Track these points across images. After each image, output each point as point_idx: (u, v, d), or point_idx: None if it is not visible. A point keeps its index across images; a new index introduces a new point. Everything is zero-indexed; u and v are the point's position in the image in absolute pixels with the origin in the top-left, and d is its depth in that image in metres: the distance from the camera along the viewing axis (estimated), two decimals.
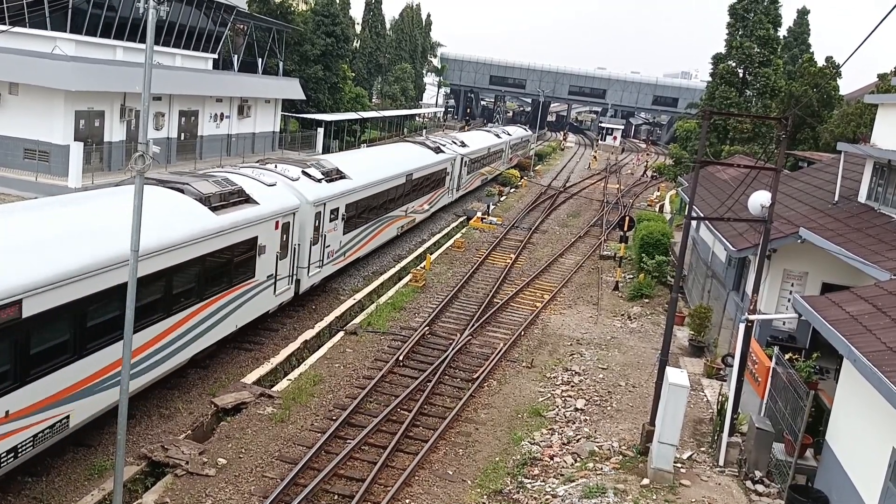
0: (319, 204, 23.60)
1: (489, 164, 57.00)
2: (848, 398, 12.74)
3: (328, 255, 25.07)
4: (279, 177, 22.62)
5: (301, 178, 23.56)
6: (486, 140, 57.15)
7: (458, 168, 44.21)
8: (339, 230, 25.74)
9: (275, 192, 21.21)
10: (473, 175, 50.90)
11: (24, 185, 31.61)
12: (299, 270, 22.80)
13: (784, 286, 19.69)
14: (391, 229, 32.45)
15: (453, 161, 42.85)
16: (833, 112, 43.73)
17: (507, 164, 66.14)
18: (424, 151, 39.37)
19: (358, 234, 28.03)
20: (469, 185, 49.72)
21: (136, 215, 11.13)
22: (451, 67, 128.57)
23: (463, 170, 45.91)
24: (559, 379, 19.99)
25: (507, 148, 65.79)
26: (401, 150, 38.96)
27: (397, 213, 32.92)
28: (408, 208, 34.49)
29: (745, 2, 48.52)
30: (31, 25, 34.78)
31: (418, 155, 38.07)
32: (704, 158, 17.72)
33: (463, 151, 46.02)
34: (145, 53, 10.78)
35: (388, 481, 14.18)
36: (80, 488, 13.49)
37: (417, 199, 36.21)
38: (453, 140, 46.34)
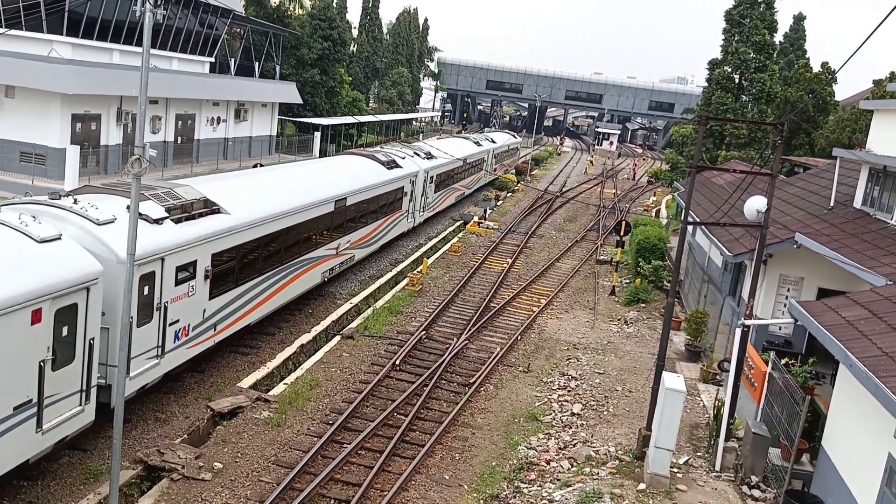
0: (151, 261, 15.12)
1: (466, 178, 50.06)
2: (844, 403, 12.76)
3: (176, 336, 16.53)
4: (69, 223, 14.10)
5: (116, 220, 14.78)
6: (461, 149, 48.89)
7: (420, 186, 37.05)
8: (199, 295, 17.21)
9: (48, 254, 12.72)
10: (445, 192, 43.64)
11: (20, 189, 31.51)
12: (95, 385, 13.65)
13: (780, 291, 19.74)
14: (311, 275, 24.09)
15: (413, 178, 35.72)
16: (829, 118, 43.93)
17: (490, 175, 59.45)
18: (371, 167, 31.41)
19: (241, 294, 19.43)
20: (438, 204, 42.39)
21: (133, 218, 11.12)
22: (447, 72, 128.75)
23: (428, 187, 38.75)
24: (556, 383, 20.00)
25: (489, 157, 58.09)
26: (335, 166, 31.04)
27: (321, 253, 24.66)
28: (340, 244, 26.49)
29: (742, 7, 48.72)
30: (27, 28, 34.75)
31: (361, 172, 30.12)
32: (700, 163, 17.75)
33: (428, 165, 38.58)
34: (142, 57, 10.79)
35: (385, 486, 14.16)
36: (75, 492, 13.44)
37: (357, 231, 28.27)
38: (417, 151, 39.35)
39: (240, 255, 19.16)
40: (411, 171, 35.50)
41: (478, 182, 55.13)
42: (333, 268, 26.33)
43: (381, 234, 31.96)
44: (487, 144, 58.84)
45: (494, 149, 60.59)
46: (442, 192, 42.87)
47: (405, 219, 35.60)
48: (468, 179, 50.98)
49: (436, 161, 40.53)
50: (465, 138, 57.61)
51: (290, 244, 22.14)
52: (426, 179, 38.06)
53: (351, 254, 28.02)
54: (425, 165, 38.10)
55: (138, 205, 11.19)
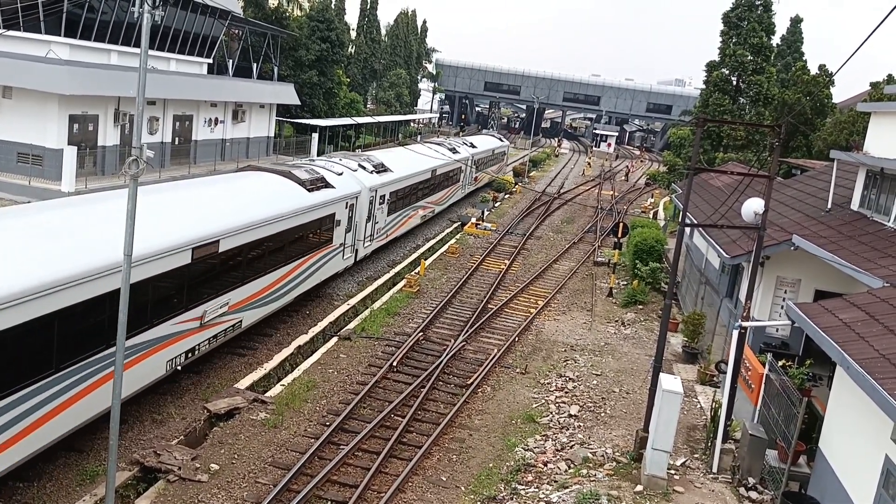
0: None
1: (436, 193, 41.92)
2: (841, 405, 12.77)
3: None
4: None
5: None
6: (429, 159, 39.79)
7: (365, 209, 28.63)
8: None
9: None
10: (403, 214, 35.37)
11: (17, 189, 31.52)
12: None
13: (777, 293, 19.75)
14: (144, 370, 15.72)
15: (353, 199, 27.19)
16: (826, 120, 43.99)
17: (469, 186, 52.16)
18: (282, 189, 22.76)
19: None
20: (395, 229, 34.32)
21: (130, 220, 11.10)
22: (446, 73, 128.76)
23: (378, 209, 30.56)
24: (553, 385, 20.00)
25: (468, 166, 50.36)
26: (215, 192, 20.73)
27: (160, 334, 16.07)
28: (206, 313, 17.74)
29: (739, 10, 48.83)
30: (25, 29, 34.72)
31: (256, 199, 21.22)
32: (698, 165, 17.77)
33: (377, 181, 30.36)
34: (140, 58, 10.78)
35: (382, 487, 14.15)
36: (71, 494, 13.42)
37: (245, 285, 19.63)
38: (365, 163, 30.74)
39: None
40: (349, 192, 26.81)
41: (452, 197, 47.10)
42: (179, 357, 16.83)
43: (294, 283, 22.91)
44: (466, 151, 51.21)
45: (475, 155, 53.31)
46: (399, 213, 34.60)
47: (337, 255, 26.29)
48: (439, 194, 43.14)
49: (390, 175, 32.34)
50: (439, 144, 47.64)
51: None
52: (375, 200, 29.85)
53: (234, 319, 19.25)
54: (373, 182, 29.72)
55: (136, 206, 11.16)
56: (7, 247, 12.65)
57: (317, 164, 28.03)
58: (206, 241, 17.36)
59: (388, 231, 33.13)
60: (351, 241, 27.71)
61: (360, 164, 30.26)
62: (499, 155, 64.88)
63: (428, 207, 40.71)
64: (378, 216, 30.81)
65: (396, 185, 33.31)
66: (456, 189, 47.97)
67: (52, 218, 14.61)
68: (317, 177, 25.13)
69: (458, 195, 49.27)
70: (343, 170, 28.17)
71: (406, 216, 36.33)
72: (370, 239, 30.23)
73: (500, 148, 66.15)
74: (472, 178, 53.03)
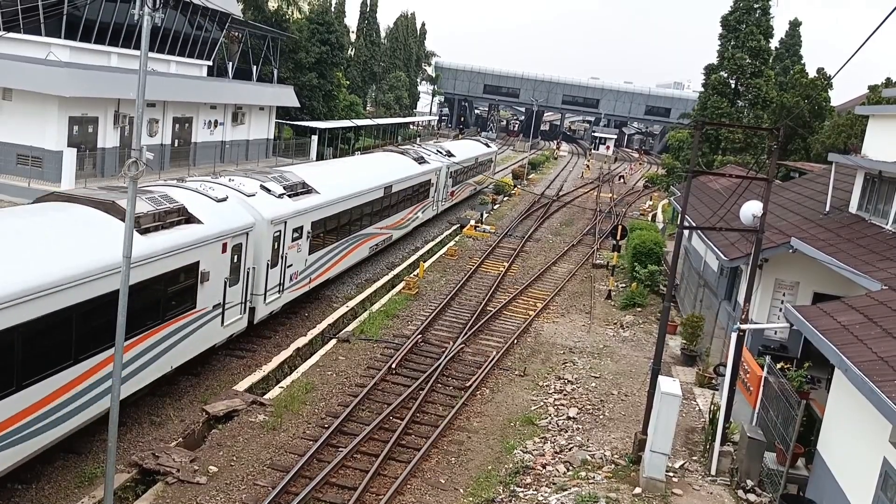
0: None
1: (392, 216, 33.60)
2: (839, 408, 12.79)
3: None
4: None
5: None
6: (380, 173, 32.66)
7: (265, 249, 20.88)
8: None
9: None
10: (336, 250, 26.87)
11: (16, 191, 31.52)
12: None
13: (776, 296, 19.77)
14: None
15: (239, 239, 19.34)
16: (824, 123, 44.06)
17: (443, 202, 44.20)
18: (86, 226, 15.01)
19: None
20: (319, 273, 25.49)
21: (128, 221, 11.12)
22: (445, 76, 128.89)
23: (290, 249, 22.57)
24: (552, 387, 20.00)
25: (440, 179, 42.17)
26: None
27: None
28: None
29: (738, 13, 48.96)
30: (25, 31, 34.73)
31: None
32: (697, 168, 17.79)
33: (286, 209, 22.15)
34: (140, 60, 10.80)
35: (381, 490, 14.15)
36: (70, 496, 13.42)
37: None
38: (271, 183, 22.74)
39: None
40: (229, 228, 18.72)
41: (416, 218, 38.42)
42: None
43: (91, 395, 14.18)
44: (438, 161, 42.39)
45: (452, 165, 44.88)
46: (332, 248, 26.24)
47: (210, 323, 18.44)
48: (398, 217, 34.68)
49: (313, 199, 24.09)
50: (402, 153, 39.65)
51: None
52: (285, 234, 21.87)
53: None
54: (280, 210, 21.64)
55: (135, 207, 11.18)
56: None
57: (187, 185, 19.71)
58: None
59: (312, 273, 24.61)
60: (238, 298, 19.71)
61: (262, 184, 22.16)
62: (484, 163, 57.31)
63: (381, 234, 31.91)
64: (293, 256, 22.74)
65: (324, 212, 24.89)
66: (423, 208, 39.48)
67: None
68: (165, 209, 16.66)
69: (427, 214, 40.81)
70: (228, 194, 19.91)
71: (343, 250, 27.52)
72: (279, 290, 21.99)
73: (486, 155, 58.01)
74: (448, 194, 45.23)
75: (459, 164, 47.04)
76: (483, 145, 60.78)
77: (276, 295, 22.02)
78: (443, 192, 43.75)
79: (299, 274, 23.57)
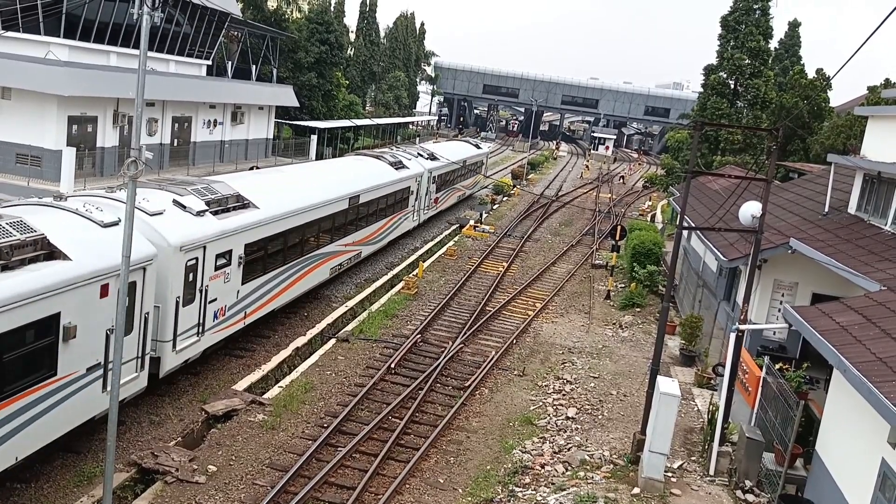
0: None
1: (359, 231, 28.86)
2: (838, 408, 12.80)
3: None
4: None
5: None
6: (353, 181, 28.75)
7: (193, 275, 17.17)
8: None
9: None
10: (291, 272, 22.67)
11: (15, 190, 31.48)
12: None
13: (774, 296, 19.78)
14: None
15: (155, 268, 15.42)
16: (823, 124, 44.07)
17: (426, 211, 39.93)
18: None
19: None
20: (262, 302, 20.95)
21: (128, 222, 11.12)
22: (444, 76, 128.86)
23: (222, 279, 18.41)
24: (551, 387, 20.01)
25: (420, 186, 37.62)
26: None
27: None
28: None
29: (737, 14, 48.95)
30: (24, 30, 34.71)
31: None
32: (696, 169, 17.81)
33: (219, 228, 18.09)
34: (139, 59, 10.80)
35: (379, 489, 14.15)
36: (69, 495, 13.41)
37: None
38: (207, 193, 18.84)
39: None
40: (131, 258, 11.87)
41: (393, 230, 34.03)
42: None
43: None
44: (419, 165, 37.92)
45: (434, 170, 40.31)
46: (272, 277, 21.31)
47: (84, 393, 13.91)
48: (366, 231, 29.87)
49: (242, 218, 19.18)
50: (376, 157, 34.86)
51: None
52: (203, 264, 17.31)
53: None
54: (196, 234, 17.11)
55: (133, 208, 11.18)
56: None
57: (66, 205, 14.83)
58: None
59: (249, 307, 20.09)
60: (133, 352, 15.03)
61: (176, 200, 17.51)
62: (474, 166, 52.51)
63: (346, 252, 27.69)
64: (217, 288, 18.20)
65: (264, 230, 20.22)
66: (401, 219, 35.29)
67: None
68: (11, 242, 12.52)
69: (406, 225, 36.68)
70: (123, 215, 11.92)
71: (293, 275, 22.78)
72: (197, 331, 17.47)
73: (476, 158, 53.01)
74: (432, 201, 40.87)
75: (445, 168, 43.30)
76: (473, 146, 55.92)
77: (192, 339, 17.38)
78: (425, 199, 39.29)
79: (228, 309, 19.07)
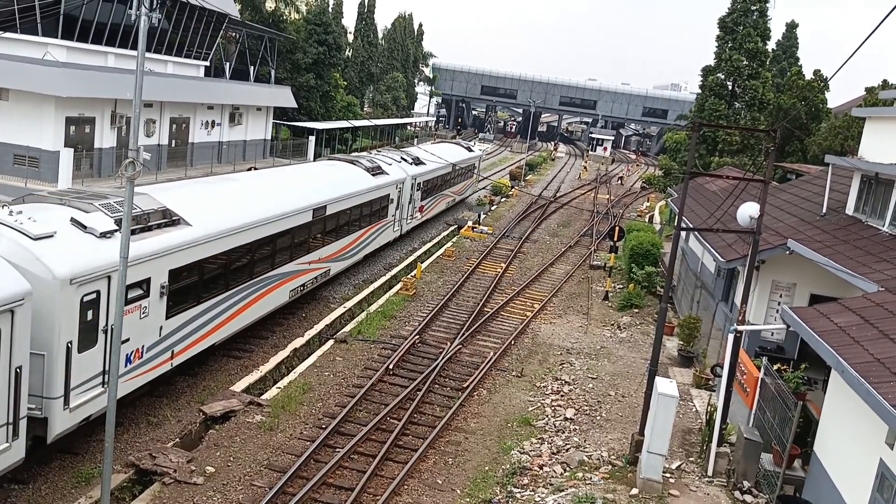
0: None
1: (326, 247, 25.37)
2: (836, 409, 12.81)
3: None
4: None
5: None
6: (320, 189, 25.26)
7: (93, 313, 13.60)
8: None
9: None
10: (236, 299, 19.53)
11: (12, 191, 31.42)
12: None
13: (772, 297, 19.80)
14: None
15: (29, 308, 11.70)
16: (821, 125, 44.15)
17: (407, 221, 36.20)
18: None
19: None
20: (195, 338, 17.70)
21: (125, 222, 11.11)
22: (442, 77, 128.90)
23: (138, 314, 15.01)
24: (549, 388, 20.01)
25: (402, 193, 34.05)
26: None
27: None
28: None
29: (735, 15, 49.00)
30: (22, 31, 34.66)
31: None
32: (694, 170, 17.83)
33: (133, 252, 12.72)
34: (137, 60, 10.79)
35: (378, 490, 14.15)
36: (66, 496, 13.39)
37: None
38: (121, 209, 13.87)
39: None
40: None
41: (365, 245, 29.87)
42: None
43: None
44: (401, 171, 34.19)
45: (419, 175, 36.93)
46: (209, 307, 18.11)
47: None
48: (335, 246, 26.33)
49: (166, 238, 15.97)
50: (351, 162, 30.90)
51: None
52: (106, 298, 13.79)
53: None
54: (96, 260, 13.58)
55: (131, 210, 11.17)
56: None
57: None
58: None
59: (176, 345, 16.79)
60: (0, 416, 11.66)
61: (75, 218, 14.22)
62: (465, 171, 48.89)
63: (310, 271, 24.25)
64: (132, 326, 14.84)
65: (198, 252, 17.10)
66: (379, 230, 31.22)
67: None
68: None
69: (386, 237, 32.63)
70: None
71: (239, 302, 19.65)
72: (101, 381, 13.99)
73: (467, 161, 49.32)
74: (416, 209, 37.44)
75: (432, 173, 39.72)
76: (464, 149, 52.31)
77: (94, 390, 13.91)
78: (408, 208, 35.77)
79: (147, 350, 15.72)
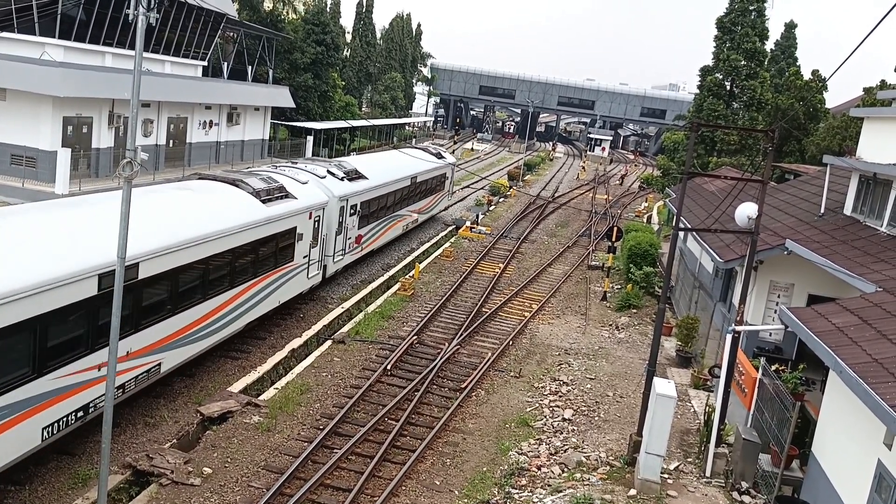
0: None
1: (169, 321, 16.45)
2: (834, 410, 12.81)
3: None
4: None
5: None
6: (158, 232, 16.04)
7: None
8: None
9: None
10: None
11: (9, 191, 31.39)
12: None
13: (770, 297, 19.80)
14: None
15: None
16: (819, 125, 44.17)
17: (337, 255, 26.35)
18: None
19: None
20: None
21: (123, 222, 11.08)
22: (440, 77, 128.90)
23: None
24: (547, 389, 20.00)
25: (322, 223, 24.84)
26: None
27: None
28: None
29: (733, 15, 49.04)
30: (19, 30, 34.59)
31: None
32: (692, 170, 17.82)
33: None
34: (134, 60, 10.76)
35: (376, 491, 14.12)
36: (63, 497, 13.36)
37: None
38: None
39: None
40: None
41: (238, 314, 19.68)
42: None
43: None
44: (319, 191, 25.08)
45: (353, 196, 27.74)
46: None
47: None
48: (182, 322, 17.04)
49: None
50: (233, 183, 21.37)
51: None
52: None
53: None
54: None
55: (130, 209, 11.13)
56: None
57: None
58: None
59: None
60: None
61: None
62: (431, 184, 40.08)
63: (132, 369, 15.36)
64: None
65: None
66: (276, 282, 21.86)
67: None
68: None
69: (292, 289, 23.27)
70: None
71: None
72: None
73: (435, 171, 40.19)
74: (351, 241, 28.02)
75: (376, 190, 30.49)
76: (432, 156, 42.68)
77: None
78: (335, 241, 26.42)
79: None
